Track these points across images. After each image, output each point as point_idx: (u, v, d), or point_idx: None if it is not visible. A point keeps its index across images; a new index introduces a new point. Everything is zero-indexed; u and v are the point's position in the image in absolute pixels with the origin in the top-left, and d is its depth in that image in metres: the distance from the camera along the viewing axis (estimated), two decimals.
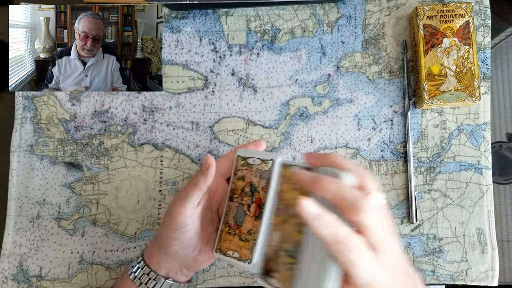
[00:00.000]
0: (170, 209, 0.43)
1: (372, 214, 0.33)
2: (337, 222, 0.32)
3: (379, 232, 0.33)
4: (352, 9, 0.57)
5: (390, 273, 0.34)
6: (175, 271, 0.45)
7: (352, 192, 0.33)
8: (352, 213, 0.32)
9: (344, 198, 0.33)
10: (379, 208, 0.34)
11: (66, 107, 0.56)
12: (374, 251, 0.33)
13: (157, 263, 0.45)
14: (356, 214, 0.32)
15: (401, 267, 0.36)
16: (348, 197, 0.33)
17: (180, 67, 0.57)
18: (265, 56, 0.57)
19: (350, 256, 0.31)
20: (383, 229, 0.33)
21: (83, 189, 0.55)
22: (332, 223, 0.32)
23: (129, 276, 0.45)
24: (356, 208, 0.32)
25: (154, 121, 0.56)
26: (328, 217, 0.32)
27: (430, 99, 0.51)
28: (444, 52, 0.52)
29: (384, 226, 0.34)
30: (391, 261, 0.34)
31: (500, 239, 0.54)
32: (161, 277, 0.44)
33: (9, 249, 0.54)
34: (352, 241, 0.32)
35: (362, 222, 0.32)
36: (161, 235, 0.44)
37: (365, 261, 0.32)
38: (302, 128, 0.55)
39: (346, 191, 0.33)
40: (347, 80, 0.56)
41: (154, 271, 0.45)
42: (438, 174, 0.54)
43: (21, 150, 0.55)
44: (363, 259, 0.32)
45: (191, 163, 0.55)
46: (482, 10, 0.55)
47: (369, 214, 0.32)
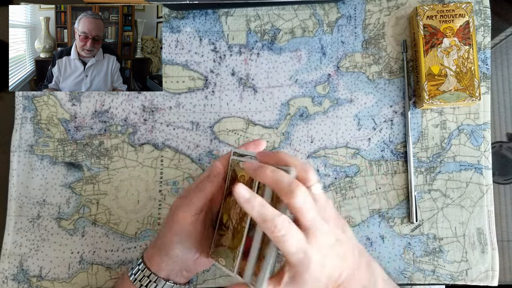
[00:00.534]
0: (173, 213, 0.43)
1: (304, 198, 0.37)
2: (264, 203, 0.37)
3: (310, 214, 0.37)
4: (352, 9, 0.57)
5: (329, 252, 0.38)
6: (176, 274, 0.45)
7: (287, 179, 0.37)
8: (286, 196, 0.37)
9: (280, 183, 0.37)
10: (317, 196, 0.39)
11: (66, 107, 0.56)
12: (305, 231, 0.37)
13: (157, 265, 0.45)
14: (289, 197, 0.36)
15: (347, 249, 0.40)
16: (283, 182, 0.37)
17: (180, 67, 0.57)
18: (265, 56, 0.57)
19: (277, 233, 0.36)
20: (316, 213, 0.38)
21: (83, 189, 0.55)
22: (260, 205, 0.37)
23: (129, 277, 0.45)
24: (290, 192, 0.36)
25: (154, 121, 0.56)
26: (257, 200, 0.37)
27: (430, 99, 0.51)
28: (444, 52, 0.52)
29: (318, 211, 0.38)
30: (325, 242, 0.38)
31: (500, 239, 0.54)
32: (162, 279, 0.44)
33: (9, 249, 0.54)
34: (278, 219, 0.36)
35: (294, 204, 0.36)
36: (163, 238, 0.44)
37: (292, 237, 0.36)
38: (302, 128, 0.55)
39: (282, 178, 0.37)
40: (347, 80, 0.56)
41: (154, 273, 0.44)
42: (438, 174, 0.54)
43: (21, 150, 0.55)
44: (290, 235, 0.36)
45: (191, 163, 0.55)
46: (482, 10, 0.55)
47: (300, 197, 0.36)
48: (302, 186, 0.37)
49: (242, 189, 0.37)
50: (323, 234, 0.38)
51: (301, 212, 0.37)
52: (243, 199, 0.37)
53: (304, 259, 0.37)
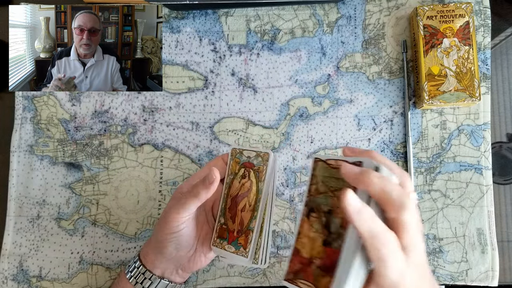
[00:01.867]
0: (166, 213, 0.43)
1: (413, 213, 0.33)
2: (375, 217, 0.32)
3: (414, 231, 0.33)
4: (352, 9, 0.57)
5: (417, 273, 0.34)
6: (170, 272, 0.45)
7: (397, 189, 0.33)
8: (395, 209, 0.32)
9: (389, 194, 0.32)
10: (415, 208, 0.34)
11: (66, 107, 0.56)
12: (404, 250, 0.33)
13: (152, 263, 0.45)
14: (398, 211, 0.32)
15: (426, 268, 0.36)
16: (393, 193, 0.32)
17: (180, 67, 0.57)
18: (265, 56, 0.57)
19: (382, 251, 0.31)
20: (417, 229, 0.34)
21: (83, 189, 0.55)
22: (371, 218, 0.32)
23: (126, 275, 0.45)
24: (400, 205, 0.32)
25: (154, 121, 0.56)
26: (369, 212, 0.32)
27: (430, 100, 0.51)
28: (444, 52, 0.52)
29: (417, 226, 0.34)
30: (418, 261, 0.34)
31: (500, 239, 0.54)
32: (157, 277, 0.44)
33: (9, 249, 0.54)
34: (387, 237, 0.32)
35: (403, 220, 0.32)
36: (156, 236, 0.44)
37: (396, 258, 0.32)
38: (302, 128, 0.55)
39: (392, 187, 0.33)
40: (347, 80, 0.56)
41: (149, 271, 0.45)
42: (438, 175, 0.54)
43: (21, 150, 0.55)
44: (394, 255, 0.32)
45: (191, 163, 0.55)
46: (482, 10, 0.55)
47: (411, 213, 0.32)
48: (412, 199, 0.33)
49: (353, 199, 0.32)
50: (419, 254, 0.34)
51: (406, 228, 0.33)
52: (354, 209, 0.32)
53: (401, 282, 0.32)
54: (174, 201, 0.44)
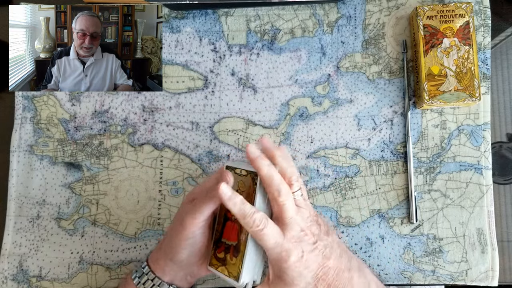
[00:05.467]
0: (182, 218, 0.43)
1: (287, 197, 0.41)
2: (244, 201, 0.40)
3: (290, 213, 0.40)
4: (352, 9, 0.57)
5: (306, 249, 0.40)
6: (180, 278, 0.45)
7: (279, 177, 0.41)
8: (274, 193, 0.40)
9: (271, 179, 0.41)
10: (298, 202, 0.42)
11: (66, 107, 0.56)
12: (282, 226, 0.40)
13: (162, 269, 0.45)
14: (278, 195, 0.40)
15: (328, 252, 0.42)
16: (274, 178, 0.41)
17: (180, 67, 0.57)
18: (265, 56, 0.57)
19: (255, 228, 0.39)
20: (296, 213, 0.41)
21: (83, 189, 0.55)
22: (240, 202, 0.40)
23: (133, 280, 0.45)
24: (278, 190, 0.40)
25: (154, 121, 0.56)
26: (239, 198, 0.40)
27: (430, 99, 0.51)
28: (444, 52, 0.52)
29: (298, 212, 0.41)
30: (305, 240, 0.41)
31: (500, 239, 0.54)
32: (165, 283, 0.44)
33: (9, 249, 0.54)
34: (256, 215, 0.39)
35: (280, 202, 0.40)
36: (169, 243, 0.44)
37: (269, 231, 0.39)
38: (302, 128, 0.55)
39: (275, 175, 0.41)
40: (347, 80, 0.56)
41: (158, 277, 0.44)
42: (438, 174, 0.54)
43: (21, 150, 0.55)
44: (267, 229, 0.39)
45: (191, 163, 0.55)
46: (482, 10, 0.55)
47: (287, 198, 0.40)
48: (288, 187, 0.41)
49: (225, 188, 0.40)
50: (301, 232, 0.41)
51: (283, 209, 0.40)
52: (225, 196, 0.39)
53: (283, 253, 0.39)
54: (187, 206, 0.44)
